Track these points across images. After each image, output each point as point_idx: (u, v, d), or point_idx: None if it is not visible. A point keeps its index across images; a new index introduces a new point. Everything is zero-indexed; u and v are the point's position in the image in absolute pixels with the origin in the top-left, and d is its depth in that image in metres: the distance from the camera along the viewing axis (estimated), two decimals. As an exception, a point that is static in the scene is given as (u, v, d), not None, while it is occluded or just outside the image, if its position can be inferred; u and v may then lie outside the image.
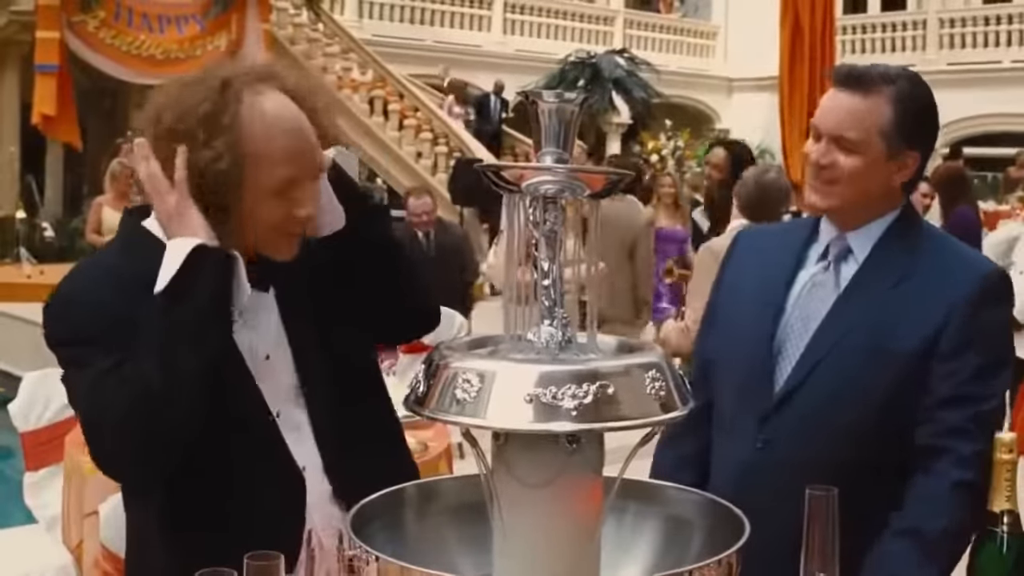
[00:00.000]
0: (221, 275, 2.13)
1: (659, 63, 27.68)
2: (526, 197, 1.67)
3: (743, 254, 2.89)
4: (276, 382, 2.29)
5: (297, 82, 2.30)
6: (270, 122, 2.19)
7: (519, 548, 1.65)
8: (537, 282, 1.67)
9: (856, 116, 2.56)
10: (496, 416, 1.54)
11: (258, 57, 19.17)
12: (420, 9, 27.54)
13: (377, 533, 1.71)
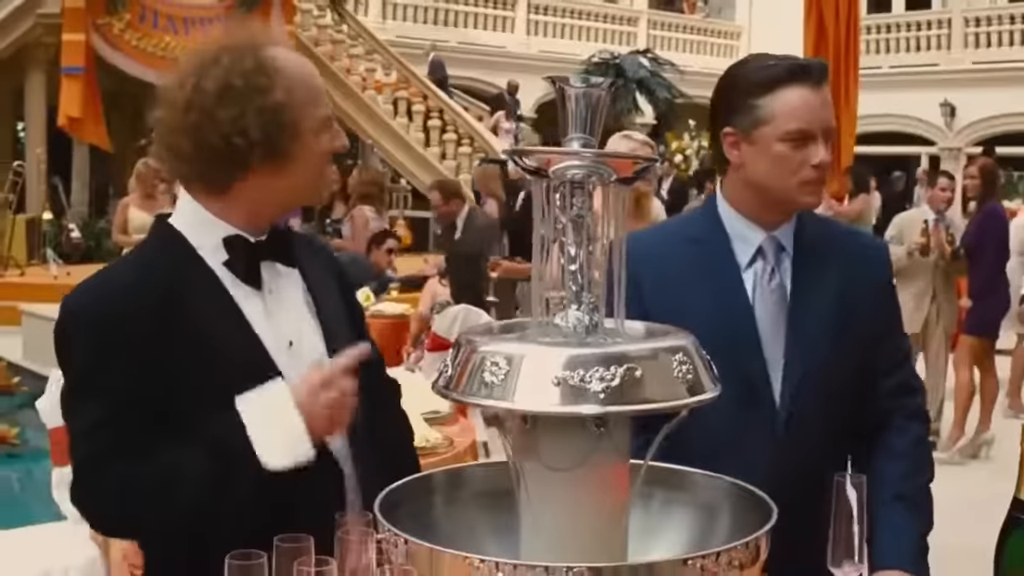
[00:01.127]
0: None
1: (682, 63, 27.70)
2: (554, 182, 1.67)
3: (651, 270, 2.65)
4: (301, 367, 2.28)
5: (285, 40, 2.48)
6: (305, 68, 2.35)
7: (546, 532, 1.66)
8: (564, 267, 1.68)
9: (831, 107, 2.62)
10: (524, 399, 1.55)
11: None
12: (444, 10, 27.60)
13: (405, 518, 1.71)
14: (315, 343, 2.35)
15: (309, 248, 2.50)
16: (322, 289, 2.42)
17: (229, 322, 2.27)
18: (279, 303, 2.33)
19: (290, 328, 2.33)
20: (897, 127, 29.07)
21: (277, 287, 2.34)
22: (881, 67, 28.63)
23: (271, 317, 2.31)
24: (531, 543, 1.67)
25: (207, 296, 2.27)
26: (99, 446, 2.21)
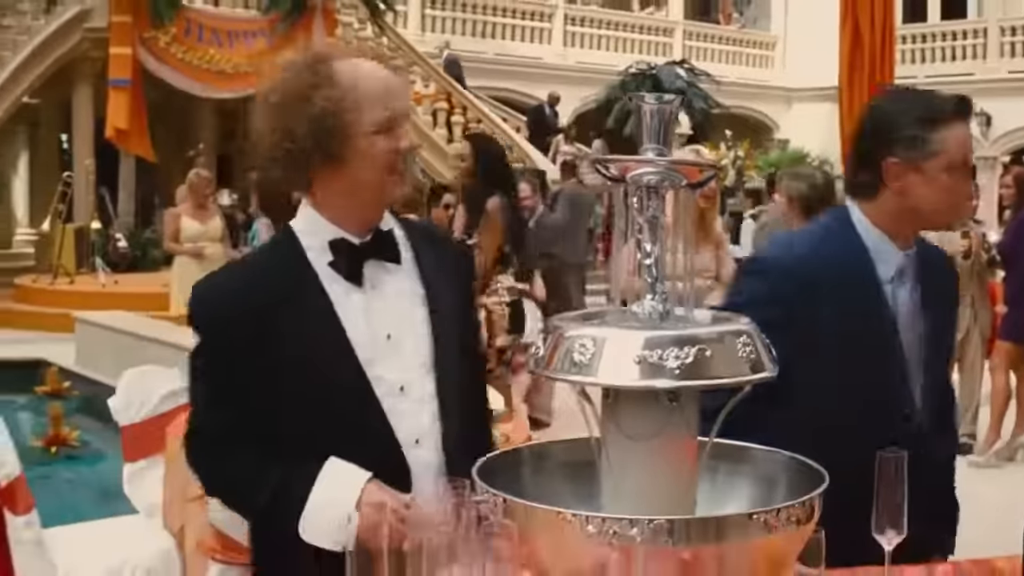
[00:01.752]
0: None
1: (718, 74, 27.87)
2: (631, 187, 1.90)
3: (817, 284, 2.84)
4: (401, 358, 2.51)
5: (374, 51, 2.68)
6: (360, 76, 2.51)
7: (626, 496, 1.87)
8: (641, 262, 1.90)
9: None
10: (607, 375, 1.78)
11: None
12: (481, 22, 27.87)
13: (498, 486, 1.92)
14: (419, 334, 2.55)
15: (430, 241, 2.69)
16: (437, 281, 2.60)
17: (322, 321, 2.49)
18: (381, 299, 2.53)
19: (390, 322, 2.53)
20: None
21: (380, 283, 2.54)
22: (917, 77, 28.65)
23: (371, 313, 2.51)
24: (612, 506, 1.89)
25: (306, 296, 2.50)
26: (201, 424, 2.61)
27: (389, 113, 2.51)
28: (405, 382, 2.52)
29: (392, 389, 2.51)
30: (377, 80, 2.53)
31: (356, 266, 2.53)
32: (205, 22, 19.43)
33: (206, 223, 11.77)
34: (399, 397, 2.51)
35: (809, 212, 5.87)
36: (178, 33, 18.90)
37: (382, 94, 2.51)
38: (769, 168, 25.32)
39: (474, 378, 2.63)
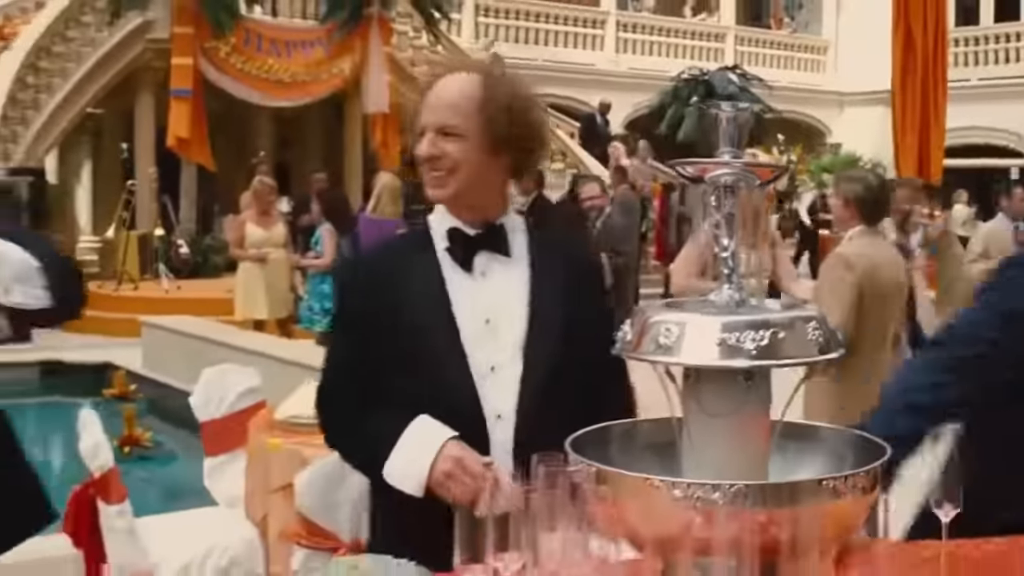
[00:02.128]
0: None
1: (770, 78, 27.96)
2: (709, 187, 2.09)
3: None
4: (496, 341, 2.75)
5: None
6: (431, 87, 2.82)
7: (705, 469, 2.06)
8: (718, 254, 2.09)
9: None
10: (690, 356, 1.97)
11: (381, 79, 19.87)
12: (534, 30, 28.14)
13: (589, 458, 2.11)
14: (516, 324, 2.77)
15: (557, 247, 2.92)
16: (547, 280, 2.81)
17: (431, 299, 2.77)
18: (488, 286, 2.78)
19: (492, 308, 2.77)
20: (986, 140, 29.09)
21: (490, 272, 2.79)
22: (970, 79, 28.68)
23: (476, 298, 2.77)
24: (693, 477, 2.08)
25: (428, 277, 2.79)
26: (326, 380, 2.96)
27: (422, 120, 2.78)
28: (496, 363, 2.75)
29: (483, 369, 2.74)
30: (433, 90, 2.79)
31: (468, 254, 2.79)
32: (264, 32, 19.78)
33: (270, 229, 12.05)
34: (489, 376, 2.75)
35: (865, 214, 6.02)
36: (237, 43, 19.25)
37: (428, 102, 2.79)
38: (821, 172, 25.43)
39: (583, 370, 2.77)
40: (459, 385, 2.74)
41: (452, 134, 2.75)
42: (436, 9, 21.16)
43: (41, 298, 2.39)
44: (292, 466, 4.64)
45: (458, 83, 2.79)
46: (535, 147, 2.87)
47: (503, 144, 2.77)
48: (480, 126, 2.75)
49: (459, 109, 2.76)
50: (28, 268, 2.35)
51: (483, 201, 2.82)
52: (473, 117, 2.75)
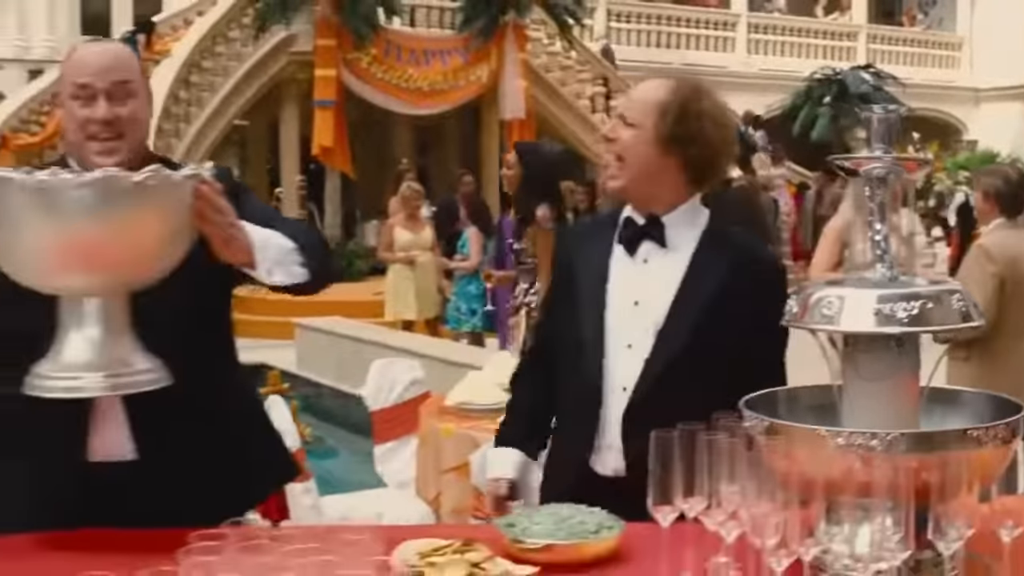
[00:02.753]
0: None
1: (904, 76, 27.78)
2: (863, 179, 2.40)
3: None
4: (642, 321, 3.06)
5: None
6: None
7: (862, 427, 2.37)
8: (871, 237, 2.40)
9: None
10: (849, 324, 2.28)
11: (516, 85, 20.29)
12: (666, 33, 28.33)
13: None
14: (660, 308, 3.05)
15: (721, 244, 3.13)
16: (700, 274, 3.07)
17: (594, 278, 3.12)
18: (646, 272, 3.09)
19: (642, 292, 3.07)
20: None
21: (652, 259, 3.09)
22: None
23: (631, 281, 3.09)
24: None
25: (598, 256, 3.15)
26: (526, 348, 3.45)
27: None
28: (633, 341, 3.06)
29: (620, 345, 3.07)
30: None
31: (633, 241, 3.10)
32: (403, 43, 20.33)
33: (417, 233, 12.49)
34: (625, 351, 3.07)
35: (1004, 207, 6.20)
36: (378, 54, 19.82)
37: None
38: (957, 169, 25.22)
39: (720, 361, 3.02)
40: (590, 357, 3.08)
41: (629, 124, 3.07)
42: (569, 15, 21.50)
43: (299, 275, 2.70)
44: (464, 449, 5.02)
45: (649, 84, 3.13)
46: (710, 153, 3.09)
47: (673, 142, 3.04)
48: (653, 121, 3.04)
49: (640, 103, 3.08)
50: (286, 251, 2.67)
51: (650, 194, 3.10)
52: (650, 112, 3.05)
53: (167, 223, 2.45)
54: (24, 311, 2.51)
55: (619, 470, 3.05)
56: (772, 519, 2.10)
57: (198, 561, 2.11)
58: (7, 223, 2.36)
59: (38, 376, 2.47)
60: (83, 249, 2.35)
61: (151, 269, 2.49)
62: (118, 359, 2.49)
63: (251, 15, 19.86)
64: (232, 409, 2.99)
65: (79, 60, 2.79)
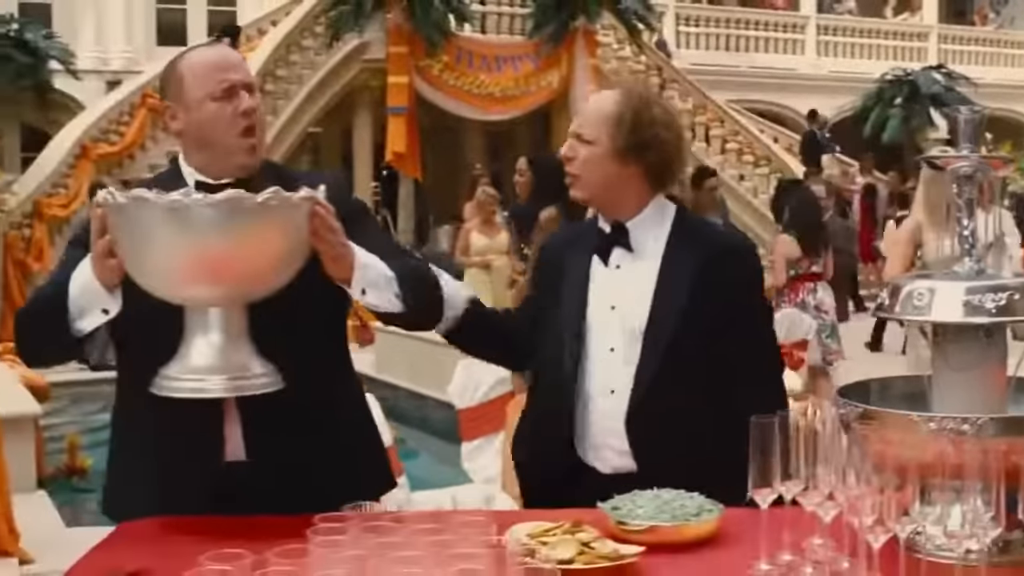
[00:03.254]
0: None
1: (976, 76, 27.56)
2: (950, 176, 2.52)
3: None
4: (620, 325, 3.17)
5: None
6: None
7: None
8: (960, 232, 2.51)
9: None
10: (939, 314, 2.40)
11: (587, 90, 20.39)
12: (735, 36, 28.34)
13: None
14: (637, 311, 3.16)
15: (689, 241, 3.22)
16: (672, 274, 3.16)
17: (576, 281, 3.24)
18: (620, 277, 3.20)
19: (619, 296, 3.18)
20: None
21: (624, 265, 3.20)
22: None
23: (606, 286, 3.20)
24: (942, 417, 2.50)
25: (578, 265, 3.26)
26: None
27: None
28: (615, 345, 3.18)
29: (603, 349, 3.18)
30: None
31: (604, 249, 3.22)
32: (474, 49, 20.51)
33: (493, 237, 12.63)
34: (608, 355, 3.18)
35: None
36: (450, 61, 20.02)
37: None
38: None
39: (705, 353, 3.15)
40: (569, 358, 3.19)
41: (585, 141, 3.17)
42: (639, 20, 21.58)
43: (393, 304, 2.81)
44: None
45: (599, 99, 3.23)
46: (667, 157, 3.20)
47: (630, 152, 3.14)
48: (609, 134, 3.14)
49: (594, 119, 3.17)
50: (385, 277, 2.79)
51: (615, 203, 3.22)
52: (603, 127, 3.14)
53: (286, 239, 2.62)
54: (152, 319, 2.69)
55: (618, 468, 3.16)
56: (868, 500, 2.21)
57: (326, 540, 2.26)
58: (141, 239, 2.55)
59: (166, 378, 2.66)
60: (210, 263, 2.53)
61: (270, 281, 2.66)
62: (239, 364, 2.67)
63: (324, 24, 20.12)
64: (343, 418, 3.09)
65: (207, 63, 2.92)
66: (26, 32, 21.69)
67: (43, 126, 22.68)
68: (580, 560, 2.34)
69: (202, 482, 2.87)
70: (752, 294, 3.33)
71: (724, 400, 3.08)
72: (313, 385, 2.89)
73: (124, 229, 2.56)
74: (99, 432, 9.76)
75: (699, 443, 3.08)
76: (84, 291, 2.71)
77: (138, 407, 2.90)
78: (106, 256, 2.62)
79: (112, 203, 2.53)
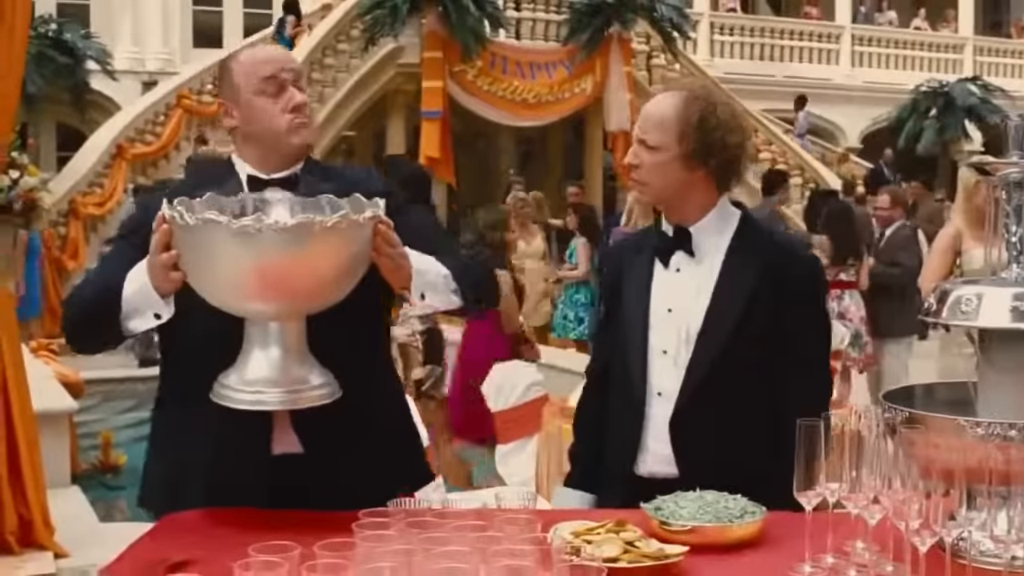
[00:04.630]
0: None
1: (1012, 89, 27.47)
2: (999, 182, 2.52)
3: None
4: (675, 327, 3.16)
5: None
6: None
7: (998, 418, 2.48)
8: (1007, 239, 2.51)
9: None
10: (987, 319, 2.40)
11: (621, 98, 20.43)
12: (769, 46, 28.29)
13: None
14: (694, 313, 3.15)
15: (751, 247, 3.19)
16: (733, 281, 3.14)
17: (638, 287, 3.23)
18: (679, 281, 3.19)
19: (677, 299, 3.18)
20: None
21: (684, 268, 3.19)
22: None
23: (666, 289, 3.19)
24: (989, 422, 2.50)
25: (641, 268, 3.25)
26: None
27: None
28: (668, 347, 3.17)
29: (657, 350, 3.18)
30: (644, 107, 3.32)
31: (664, 252, 3.22)
32: (509, 55, 20.54)
33: (529, 243, 12.68)
34: (660, 358, 3.18)
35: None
36: (484, 66, 20.06)
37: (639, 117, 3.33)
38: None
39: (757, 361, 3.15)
40: (634, 364, 3.20)
41: (651, 147, 3.15)
42: (674, 28, 21.57)
43: (452, 302, 2.91)
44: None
45: (661, 103, 3.17)
46: (733, 159, 3.17)
47: (696, 157, 3.12)
48: (675, 139, 3.12)
49: (658, 124, 3.14)
50: (441, 277, 2.86)
51: (680, 206, 3.20)
52: (669, 133, 3.12)
53: (351, 259, 2.65)
54: (207, 321, 2.71)
55: (664, 473, 3.14)
56: (914, 504, 2.21)
57: (372, 534, 2.28)
58: (207, 257, 2.58)
59: (225, 387, 2.71)
60: (274, 281, 2.56)
61: (331, 296, 2.69)
62: (297, 377, 2.71)
63: (360, 28, 20.18)
64: (388, 411, 3.14)
65: (255, 59, 3.00)
66: (64, 32, 21.82)
67: (79, 126, 22.85)
68: (625, 559, 2.35)
69: (251, 475, 2.90)
70: (810, 301, 3.27)
71: (771, 406, 3.08)
72: (361, 380, 2.92)
73: (190, 246, 2.59)
74: (130, 429, 9.85)
75: (740, 448, 3.08)
76: (139, 293, 2.75)
77: (184, 404, 2.95)
78: (169, 269, 2.65)
79: (180, 223, 2.55)
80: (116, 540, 2.71)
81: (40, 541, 5.95)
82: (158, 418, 3.15)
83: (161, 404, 3.13)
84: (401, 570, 2.13)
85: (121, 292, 2.76)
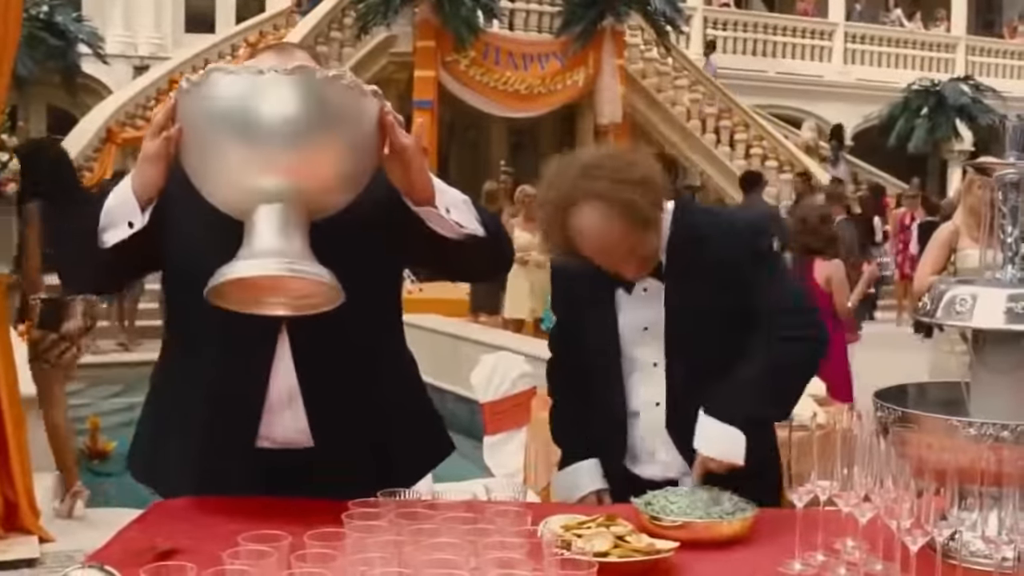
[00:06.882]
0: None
1: (1004, 89, 27.49)
2: (996, 183, 2.51)
3: None
4: (656, 342, 3.17)
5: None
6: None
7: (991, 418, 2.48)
8: (1003, 240, 2.51)
9: None
10: (981, 320, 2.40)
11: (614, 90, 20.44)
12: (763, 42, 28.29)
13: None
14: (662, 328, 3.17)
15: (692, 248, 3.15)
16: (678, 279, 3.14)
17: (603, 306, 3.20)
18: (647, 301, 3.17)
19: (649, 318, 3.17)
20: None
21: (650, 289, 3.17)
22: None
23: (635, 310, 3.19)
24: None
25: (603, 285, 3.19)
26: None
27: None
28: (658, 360, 3.18)
29: (647, 365, 3.19)
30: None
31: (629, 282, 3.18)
32: (502, 46, 20.51)
33: (535, 234, 12.68)
34: (652, 370, 3.19)
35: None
36: (477, 56, 20.03)
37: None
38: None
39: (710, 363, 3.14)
40: (612, 380, 3.22)
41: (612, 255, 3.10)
42: (668, 22, 21.56)
43: (475, 226, 2.76)
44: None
45: (587, 221, 2.99)
46: (657, 198, 3.05)
47: (643, 225, 3.02)
48: (620, 238, 3.02)
49: (604, 241, 3.03)
50: (459, 200, 2.78)
51: (641, 256, 3.13)
52: (611, 240, 3.02)
53: (356, 131, 2.56)
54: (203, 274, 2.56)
55: (663, 477, 3.16)
56: (905, 503, 2.21)
57: (361, 525, 2.27)
58: (214, 115, 2.47)
59: (220, 272, 2.47)
60: (280, 137, 2.44)
61: (336, 183, 2.57)
62: (299, 253, 2.48)
63: (353, 16, 20.16)
64: (399, 393, 3.10)
65: (269, 55, 2.91)
66: (56, 15, 21.78)
67: (70, 109, 22.80)
68: (615, 553, 2.34)
69: (246, 448, 2.86)
70: (752, 259, 3.20)
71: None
72: (375, 360, 2.93)
73: (196, 113, 2.49)
74: (118, 415, 9.84)
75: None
76: (117, 204, 2.71)
77: (183, 367, 2.94)
78: (169, 147, 2.58)
79: (190, 84, 2.49)
80: (101, 525, 2.69)
81: (25, 525, 5.93)
82: (154, 383, 3.12)
83: (158, 367, 3.10)
84: (391, 561, 2.13)
85: (101, 208, 2.72)
